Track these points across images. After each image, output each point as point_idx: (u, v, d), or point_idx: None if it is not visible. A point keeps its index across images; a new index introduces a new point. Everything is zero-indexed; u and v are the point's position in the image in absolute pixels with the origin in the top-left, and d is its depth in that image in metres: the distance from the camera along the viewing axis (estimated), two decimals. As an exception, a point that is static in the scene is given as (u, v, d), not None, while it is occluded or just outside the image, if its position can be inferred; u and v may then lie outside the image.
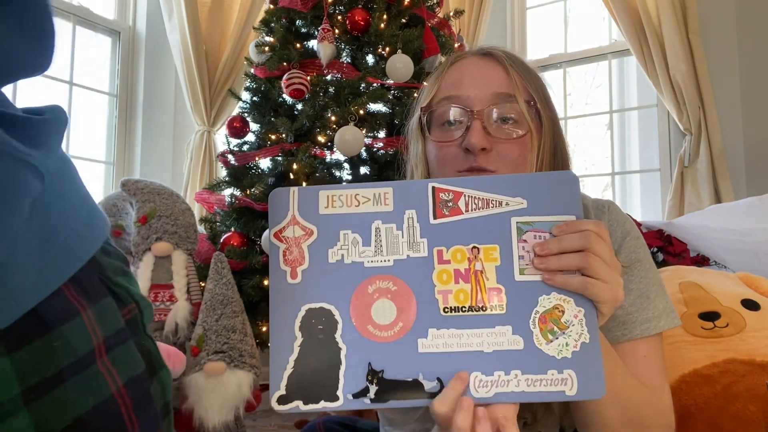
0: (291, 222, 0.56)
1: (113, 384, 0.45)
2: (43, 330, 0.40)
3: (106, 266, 0.50)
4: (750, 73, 2.46)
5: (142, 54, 3.14)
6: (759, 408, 0.92)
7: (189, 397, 1.30)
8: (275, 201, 0.57)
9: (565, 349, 0.52)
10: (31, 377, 0.39)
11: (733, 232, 1.68)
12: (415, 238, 0.55)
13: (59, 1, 2.77)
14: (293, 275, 0.55)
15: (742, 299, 1.09)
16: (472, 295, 0.54)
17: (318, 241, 0.55)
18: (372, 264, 0.55)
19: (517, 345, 0.52)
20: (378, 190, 0.56)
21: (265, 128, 2.06)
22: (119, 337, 0.47)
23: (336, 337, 0.53)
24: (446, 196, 0.56)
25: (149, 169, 3.07)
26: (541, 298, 0.53)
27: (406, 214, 0.56)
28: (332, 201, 0.56)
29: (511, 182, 0.56)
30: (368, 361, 0.53)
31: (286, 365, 0.53)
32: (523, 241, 0.54)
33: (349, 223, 0.56)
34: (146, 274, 1.49)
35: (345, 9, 2.03)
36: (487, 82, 0.69)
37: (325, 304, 0.54)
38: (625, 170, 2.97)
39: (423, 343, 0.53)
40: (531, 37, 3.28)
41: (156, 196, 1.56)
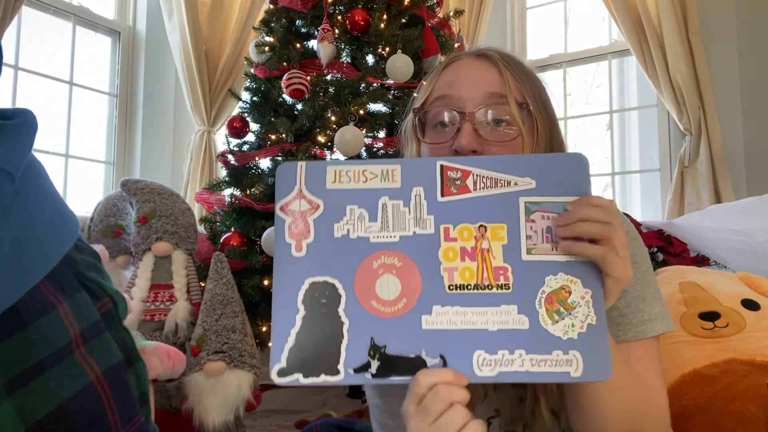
0: (297, 196, 0.56)
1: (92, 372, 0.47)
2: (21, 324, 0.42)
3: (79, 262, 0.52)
4: (750, 73, 2.46)
5: (142, 54, 3.14)
6: (759, 408, 0.92)
7: (189, 397, 1.30)
8: (282, 175, 0.57)
9: (571, 330, 0.52)
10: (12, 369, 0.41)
11: (733, 232, 1.68)
12: (422, 215, 0.55)
13: (59, 1, 2.77)
14: (298, 248, 0.54)
15: (742, 299, 1.09)
16: (478, 273, 0.53)
17: (324, 216, 0.55)
18: (378, 239, 0.54)
19: (522, 324, 0.52)
20: (386, 166, 0.56)
21: (265, 128, 2.06)
22: (95, 329, 0.49)
23: (339, 311, 0.53)
24: (454, 174, 0.55)
25: (149, 169, 3.07)
26: (548, 279, 0.53)
27: (413, 191, 0.55)
28: (339, 176, 0.56)
29: (520, 162, 0.55)
30: (371, 336, 0.52)
31: (288, 337, 0.52)
32: (531, 221, 0.54)
33: (356, 198, 0.55)
34: (146, 274, 1.49)
35: (345, 9, 2.02)
36: (480, 82, 0.68)
37: (329, 278, 0.54)
38: (625, 170, 2.97)
39: (427, 319, 0.52)
40: (531, 37, 3.28)
41: (156, 196, 1.56)
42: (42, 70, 2.73)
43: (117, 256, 1.60)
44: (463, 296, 0.53)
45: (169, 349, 1.28)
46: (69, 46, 2.85)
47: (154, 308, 1.47)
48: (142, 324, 1.45)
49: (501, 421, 0.69)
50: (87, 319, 0.49)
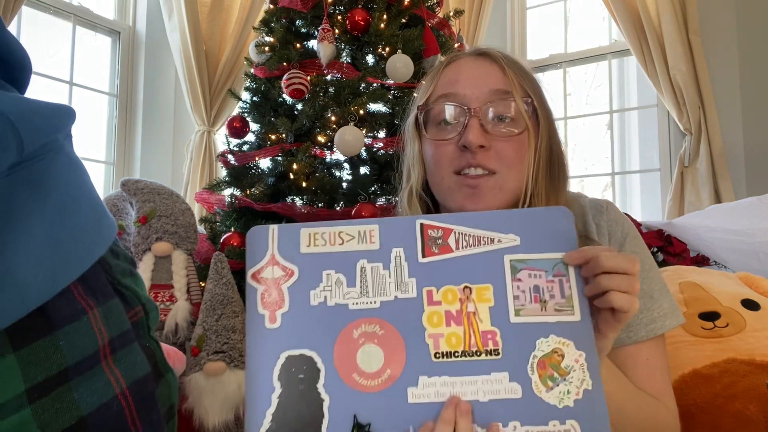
0: (270, 262, 0.52)
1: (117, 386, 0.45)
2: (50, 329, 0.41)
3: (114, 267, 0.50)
4: (750, 73, 2.46)
5: (142, 54, 3.14)
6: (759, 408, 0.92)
7: (189, 397, 1.30)
8: (253, 239, 0.53)
9: (566, 397, 0.49)
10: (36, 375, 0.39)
11: (733, 232, 1.68)
12: (403, 277, 0.52)
13: (59, 1, 2.77)
14: (272, 319, 0.50)
15: (742, 299, 1.09)
16: (465, 339, 0.50)
17: (299, 283, 0.51)
18: (357, 306, 0.51)
19: (515, 393, 0.49)
20: (363, 227, 0.53)
21: (265, 128, 2.06)
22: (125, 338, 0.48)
23: (318, 387, 0.49)
24: (435, 233, 0.53)
25: (149, 169, 3.07)
26: (539, 342, 0.50)
27: (393, 252, 0.52)
28: (314, 239, 0.53)
29: (502, 218, 0.53)
30: (354, 413, 0.48)
31: (263, 420, 0.48)
32: (517, 280, 0.51)
33: (333, 262, 0.52)
34: (146, 274, 1.49)
35: (345, 9, 2.02)
36: (483, 80, 0.68)
37: (307, 350, 0.50)
38: (625, 170, 2.97)
39: (413, 392, 0.49)
40: (531, 37, 3.28)
41: (156, 196, 1.56)
42: (42, 70, 2.73)
43: (117, 256, 1.60)
44: (450, 365, 0.50)
45: (169, 349, 1.28)
46: (69, 46, 2.85)
47: (154, 308, 1.47)
48: (142, 324, 1.45)
49: None
50: (117, 328, 0.47)
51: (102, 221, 0.49)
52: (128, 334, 0.49)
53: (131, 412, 0.46)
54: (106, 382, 0.44)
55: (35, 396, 0.39)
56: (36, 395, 0.39)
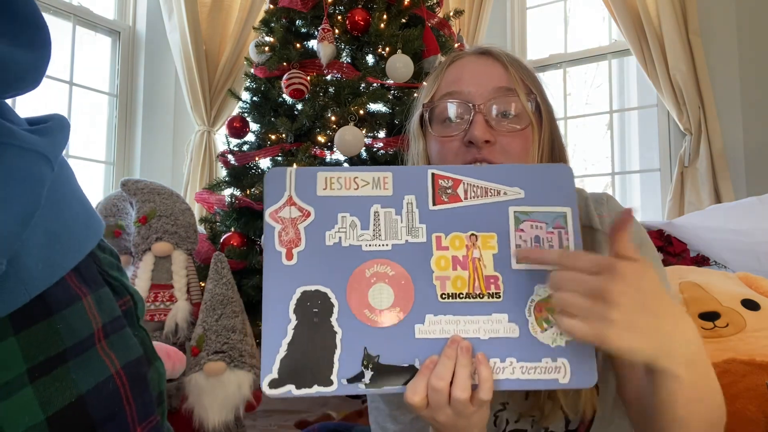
0: (287, 202, 0.55)
1: (112, 366, 0.48)
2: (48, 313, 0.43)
3: (103, 260, 0.54)
4: (750, 73, 2.46)
5: (142, 54, 3.14)
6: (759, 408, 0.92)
7: (189, 397, 1.30)
8: (271, 180, 0.55)
9: (559, 338, 0.52)
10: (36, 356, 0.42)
11: (733, 232, 1.68)
12: (414, 223, 0.55)
13: (59, 1, 2.77)
14: (288, 256, 0.53)
15: (742, 299, 1.09)
16: (470, 282, 0.54)
17: (315, 223, 0.54)
18: (370, 248, 0.54)
19: (512, 333, 0.53)
20: (377, 173, 0.56)
21: (265, 128, 2.06)
22: (116, 324, 0.51)
23: (331, 321, 0.52)
24: (445, 183, 0.56)
25: (149, 169, 3.07)
26: (537, 287, 0.53)
27: (405, 199, 0.55)
28: (330, 183, 0.55)
29: (509, 172, 0.56)
30: (364, 346, 0.52)
31: (279, 348, 0.51)
32: (520, 231, 0.55)
33: (348, 205, 0.55)
34: (146, 274, 1.49)
35: (345, 9, 2.03)
36: (487, 77, 0.70)
37: (321, 286, 0.53)
38: (625, 170, 2.97)
39: (420, 328, 0.53)
40: (531, 37, 3.28)
41: (156, 196, 1.56)
42: (42, 70, 2.72)
43: (117, 256, 1.60)
44: (455, 305, 0.53)
45: (169, 349, 1.28)
46: (69, 46, 2.85)
47: (154, 308, 1.47)
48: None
49: (509, 415, 0.69)
50: (109, 314, 0.50)
51: (91, 217, 0.53)
52: (119, 320, 0.51)
53: (125, 391, 0.49)
54: (101, 363, 0.47)
55: (36, 375, 0.42)
56: (36, 374, 0.42)
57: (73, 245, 0.48)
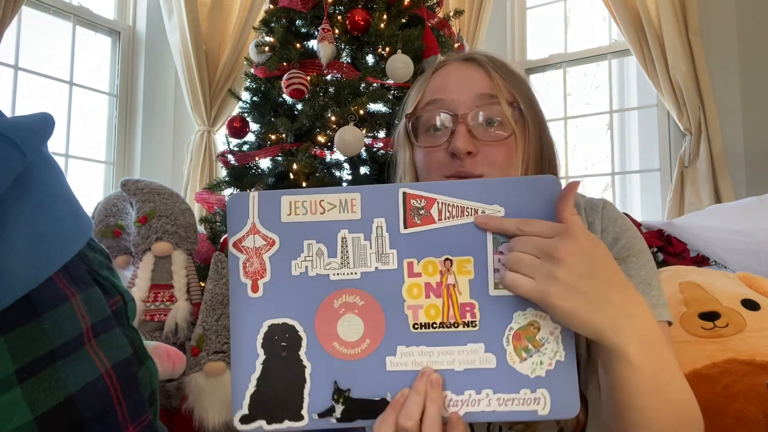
0: (251, 231, 0.52)
1: (101, 365, 0.48)
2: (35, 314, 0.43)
3: (92, 260, 0.54)
4: (750, 73, 2.46)
5: (142, 54, 3.14)
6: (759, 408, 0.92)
7: (189, 397, 1.30)
8: (234, 207, 0.53)
9: (539, 368, 0.50)
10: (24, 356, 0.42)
11: (733, 232, 1.68)
12: (384, 249, 0.52)
13: (59, 1, 2.77)
14: (254, 288, 0.52)
15: (742, 299, 1.09)
16: (444, 311, 0.51)
17: (280, 252, 0.52)
18: (338, 277, 0.52)
19: (489, 363, 0.50)
20: (344, 195, 0.52)
21: (265, 128, 2.06)
22: (106, 324, 0.51)
23: (300, 355, 0.51)
24: (418, 203, 0.52)
25: (149, 169, 3.07)
26: (516, 315, 0.51)
27: (374, 222, 0.52)
28: (295, 208, 0.52)
29: (487, 188, 0.52)
30: (334, 380, 0.51)
31: (248, 384, 0.51)
32: (499, 253, 0.51)
33: (314, 232, 0.52)
34: (146, 274, 1.49)
35: (345, 9, 2.02)
36: (470, 84, 0.69)
37: (289, 319, 0.51)
38: (625, 170, 2.97)
39: (391, 360, 0.51)
40: (531, 37, 3.28)
41: (156, 196, 1.56)
42: (42, 70, 2.73)
43: (117, 256, 1.60)
44: (428, 335, 0.51)
45: (169, 349, 1.28)
46: (69, 46, 2.85)
47: (154, 308, 1.47)
48: (142, 324, 1.45)
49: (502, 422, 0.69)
50: (98, 314, 0.51)
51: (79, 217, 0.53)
52: (109, 320, 0.52)
53: (116, 390, 0.49)
54: (90, 363, 0.47)
55: (24, 376, 0.42)
56: (25, 375, 0.42)
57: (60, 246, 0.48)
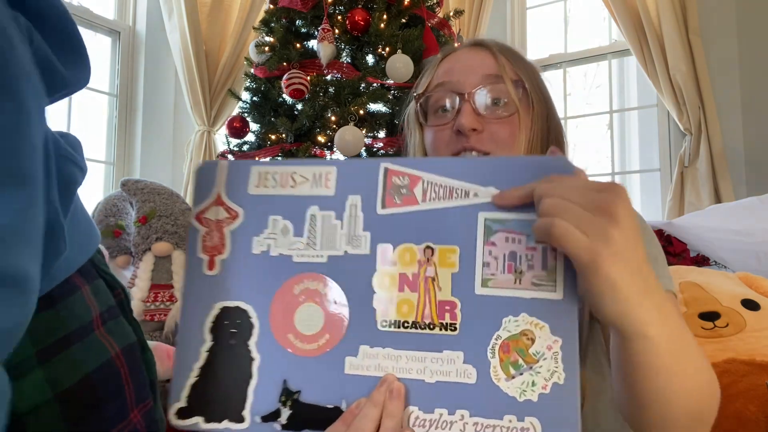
0: (215, 202, 0.47)
1: (111, 349, 0.52)
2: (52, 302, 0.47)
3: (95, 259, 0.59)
4: (750, 73, 2.46)
5: (142, 54, 3.14)
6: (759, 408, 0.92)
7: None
8: (201, 176, 0.48)
9: (530, 390, 0.40)
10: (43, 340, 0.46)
11: (733, 232, 1.68)
12: (356, 230, 0.45)
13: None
14: (211, 265, 0.46)
15: (742, 299, 1.09)
16: (419, 308, 0.43)
17: (243, 227, 0.46)
18: (302, 259, 0.45)
19: (468, 377, 0.41)
20: (319, 168, 0.46)
21: (265, 128, 2.06)
22: (112, 312, 0.55)
23: (250, 345, 0.44)
24: (400, 181, 0.45)
25: (149, 169, 3.07)
26: (506, 320, 0.42)
27: (348, 200, 0.45)
28: (265, 179, 0.47)
29: (483, 167, 0.44)
30: (284, 378, 0.43)
31: (190, 373, 0.44)
32: (490, 244, 0.43)
33: (281, 207, 0.46)
34: (146, 274, 1.49)
35: (345, 9, 2.02)
36: (476, 67, 0.71)
37: (243, 303, 0.45)
38: (625, 170, 2.97)
39: (351, 362, 0.43)
40: (531, 37, 3.28)
41: (156, 196, 1.56)
42: (42, 70, 2.73)
43: (117, 256, 1.60)
44: (397, 336, 0.43)
45: (169, 349, 1.28)
46: (69, 46, 2.85)
47: (154, 308, 1.47)
48: (142, 324, 1.45)
49: None
50: (104, 303, 0.54)
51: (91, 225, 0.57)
52: (114, 309, 0.55)
53: (125, 372, 0.53)
54: (101, 346, 0.51)
55: (43, 358, 0.45)
56: (44, 357, 0.45)
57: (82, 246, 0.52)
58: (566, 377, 0.40)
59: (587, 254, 0.38)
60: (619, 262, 0.38)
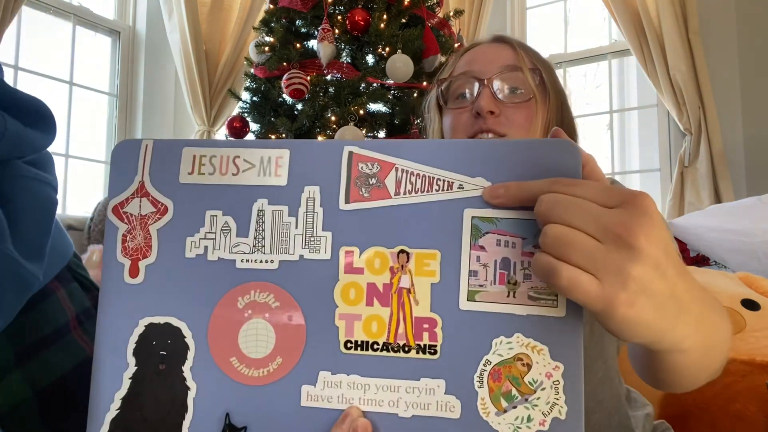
0: (138, 192, 0.39)
1: (88, 348, 0.53)
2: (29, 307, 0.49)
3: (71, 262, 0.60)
4: (750, 73, 2.46)
5: (142, 54, 3.14)
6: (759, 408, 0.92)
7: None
8: (118, 159, 0.39)
9: (525, 426, 0.34)
10: (20, 342, 0.48)
11: (733, 232, 1.68)
12: (315, 230, 0.37)
13: (59, 1, 2.77)
14: (133, 272, 0.38)
15: (742, 299, 1.09)
16: (391, 327, 0.36)
17: (173, 224, 0.38)
18: (248, 264, 0.38)
19: (450, 411, 0.35)
20: (268, 152, 0.38)
21: (265, 128, 2.06)
22: (87, 314, 0.57)
23: (184, 371, 0.37)
24: (368, 169, 0.37)
25: (149, 169, 3.07)
26: (497, 342, 0.35)
27: (305, 192, 0.38)
28: (200, 164, 0.39)
29: (471, 151, 0.36)
30: (227, 412, 0.37)
31: (110, 405, 0.37)
32: (478, 248, 0.35)
33: (221, 200, 0.38)
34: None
35: (345, 9, 2.03)
36: (497, 59, 0.75)
37: (175, 319, 0.38)
38: (625, 170, 2.97)
39: (309, 392, 0.36)
40: (531, 37, 3.28)
41: (156, 196, 1.56)
42: (42, 70, 2.73)
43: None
44: (365, 360, 0.36)
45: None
46: (69, 46, 2.85)
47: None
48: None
49: None
50: (80, 305, 0.56)
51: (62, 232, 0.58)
52: (90, 311, 0.57)
53: None
54: (78, 347, 0.52)
55: (22, 359, 0.47)
56: (22, 359, 0.47)
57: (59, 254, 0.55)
58: (569, 411, 0.34)
59: (600, 304, 0.31)
60: (639, 303, 0.31)
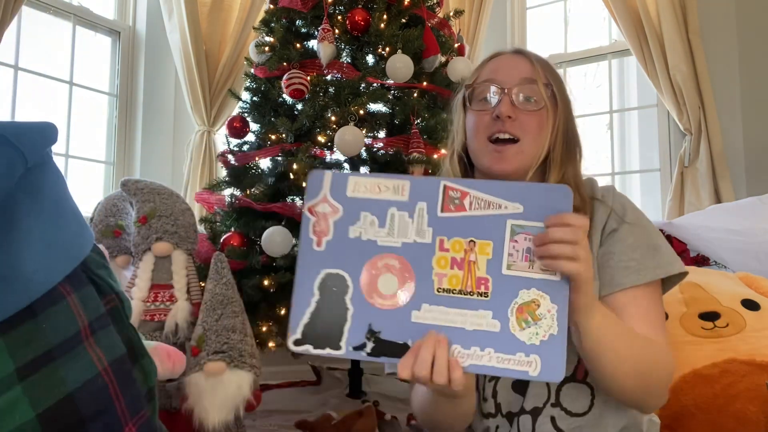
0: (322, 200, 0.66)
1: (99, 363, 0.50)
2: (33, 313, 0.45)
3: (88, 260, 0.55)
4: (750, 73, 2.46)
5: (142, 54, 3.14)
6: (759, 408, 0.92)
7: (189, 398, 1.30)
8: (312, 180, 0.67)
9: (535, 337, 0.61)
10: (24, 355, 0.44)
11: (733, 232, 1.68)
12: (423, 226, 0.64)
13: (59, 1, 2.77)
14: (318, 244, 0.65)
15: (742, 299, 1.09)
16: (463, 281, 0.63)
17: (342, 219, 0.65)
18: (384, 243, 0.64)
19: (494, 327, 0.61)
20: (398, 181, 0.66)
21: (265, 128, 2.06)
22: (102, 321, 0.53)
23: (346, 299, 0.63)
24: (454, 194, 0.65)
25: (149, 169, 3.07)
26: (522, 292, 0.62)
27: (418, 205, 0.65)
28: (358, 186, 0.66)
29: (512, 189, 0.65)
30: (369, 322, 0.62)
31: (303, 316, 0.63)
32: (514, 241, 0.63)
33: (370, 206, 0.65)
34: (146, 274, 1.49)
35: (345, 9, 2.03)
36: (517, 71, 0.87)
37: (341, 270, 0.64)
38: (625, 170, 2.97)
39: (416, 314, 0.62)
40: (531, 37, 3.28)
41: (156, 196, 1.56)
42: (42, 70, 2.72)
43: (117, 256, 1.60)
44: (448, 298, 0.63)
45: (169, 349, 1.28)
46: (69, 46, 2.85)
47: (154, 308, 1.47)
48: (142, 324, 1.44)
49: None
50: (94, 312, 0.53)
51: (83, 227, 0.56)
52: (104, 318, 0.54)
53: (114, 386, 0.51)
54: (89, 361, 0.49)
55: (24, 375, 0.43)
56: (25, 374, 0.43)
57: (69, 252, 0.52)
58: (559, 330, 0.61)
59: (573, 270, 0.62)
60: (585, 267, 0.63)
